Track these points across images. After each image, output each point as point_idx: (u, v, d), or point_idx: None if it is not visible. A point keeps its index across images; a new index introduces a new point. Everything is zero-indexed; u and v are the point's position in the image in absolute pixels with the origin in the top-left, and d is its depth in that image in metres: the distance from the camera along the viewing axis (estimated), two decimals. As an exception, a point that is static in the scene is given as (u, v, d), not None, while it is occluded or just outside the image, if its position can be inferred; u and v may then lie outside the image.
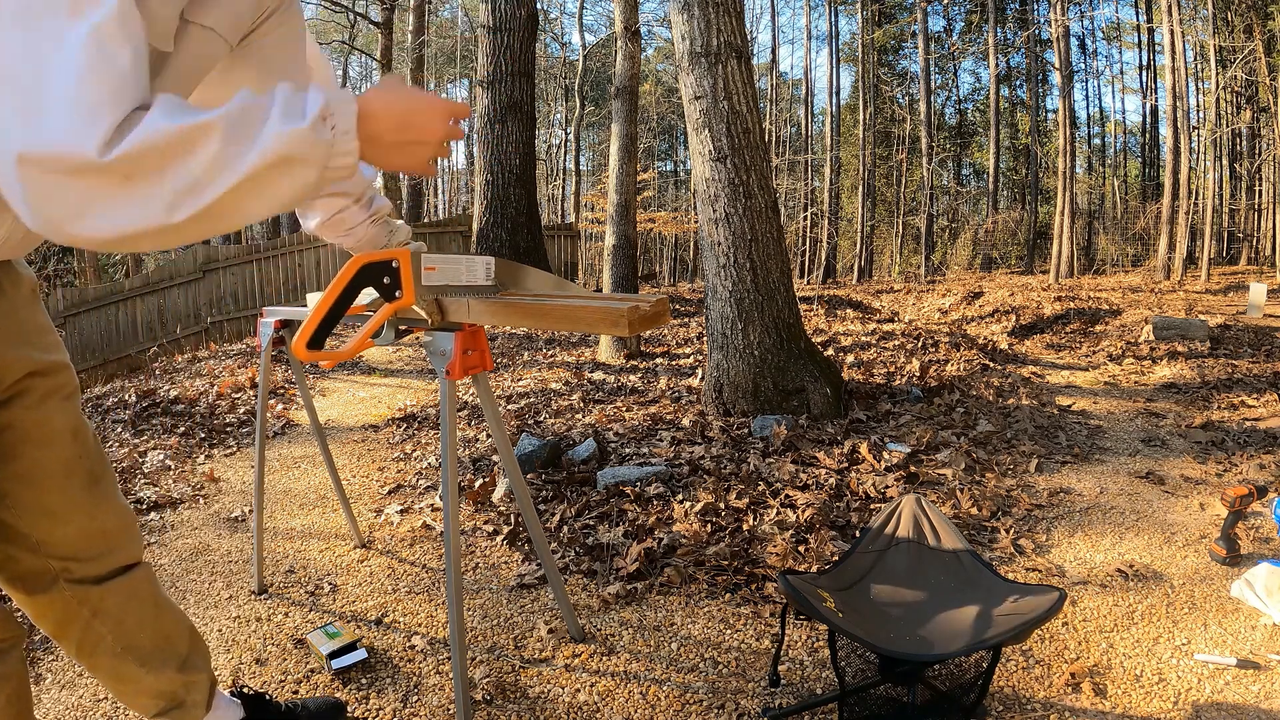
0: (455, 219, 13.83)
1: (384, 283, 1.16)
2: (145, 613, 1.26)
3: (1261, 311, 7.37)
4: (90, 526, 1.17)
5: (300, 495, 2.99)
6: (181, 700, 1.32)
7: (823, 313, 8.02)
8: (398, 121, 0.90)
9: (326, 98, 0.83)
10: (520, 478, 1.74)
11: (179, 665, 1.30)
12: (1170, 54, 12.14)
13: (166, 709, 1.31)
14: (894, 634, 1.59)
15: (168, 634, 1.30)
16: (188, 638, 1.34)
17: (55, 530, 1.14)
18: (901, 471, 2.82)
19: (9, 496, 1.10)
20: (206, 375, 5.20)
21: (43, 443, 1.11)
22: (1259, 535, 2.40)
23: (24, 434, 1.09)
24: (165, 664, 1.29)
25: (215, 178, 0.75)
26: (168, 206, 0.74)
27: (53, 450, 1.12)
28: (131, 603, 1.24)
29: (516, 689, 1.70)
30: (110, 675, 1.26)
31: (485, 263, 1.35)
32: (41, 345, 1.10)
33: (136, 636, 1.25)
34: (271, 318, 1.96)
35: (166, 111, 0.75)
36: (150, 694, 1.29)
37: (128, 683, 1.27)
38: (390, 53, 8.36)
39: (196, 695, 1.34)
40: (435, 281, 1.27)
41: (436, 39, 23.19)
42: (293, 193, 0.82)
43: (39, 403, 1.10)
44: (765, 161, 3.61)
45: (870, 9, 20.18)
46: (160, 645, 1.28)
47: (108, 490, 1.20)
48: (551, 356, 5.78)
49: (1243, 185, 17.52)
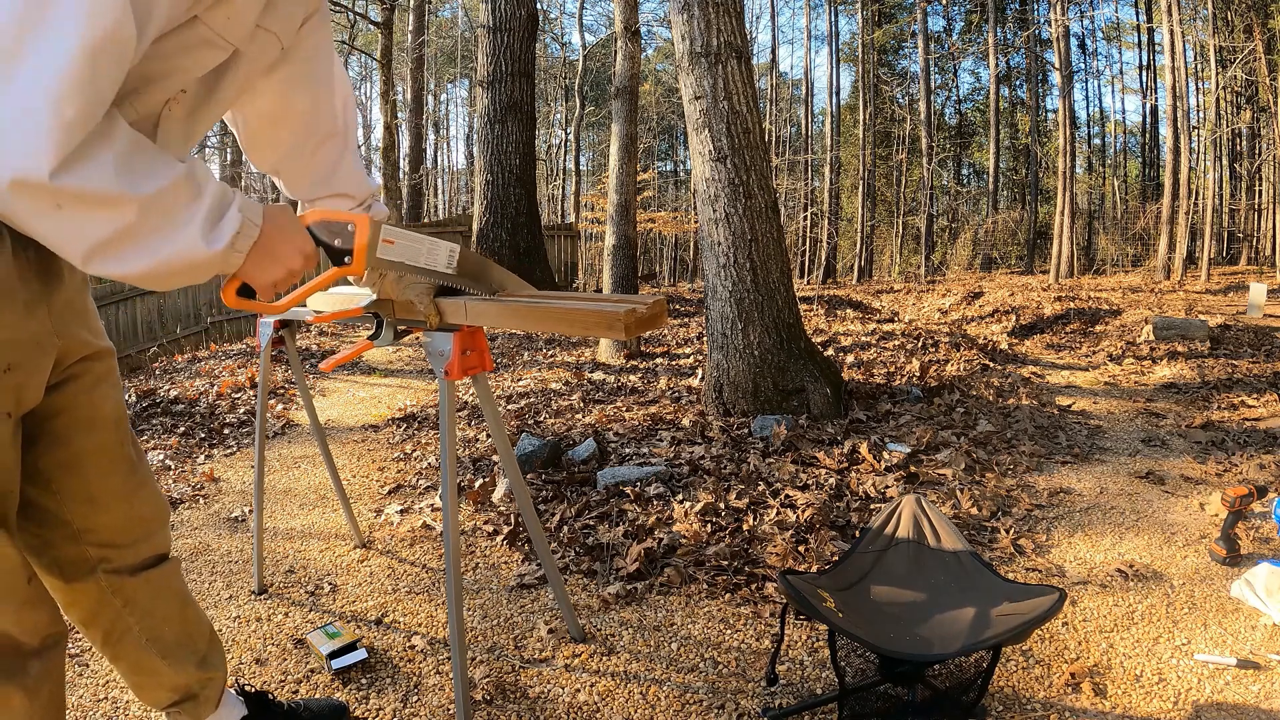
0: (455, 219, 13.83)
1: (334, 245, 1.09)
2: (172, 607, 1.28)
3: (1261, 311, 7.38)
4: (129, 513, 1.19)
5: (300, 495, 2.99)
6: (195, 694, 1.33)
7: (823, 313, 8.02)
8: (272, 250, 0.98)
9: (243, 221, 0.91)
10: (520, 478, 1.74)
11: (198, 661, 1.32)
12: (1170, 54, 12.14)
13: (179, 701, 1.33)
14: (894, 634, 1.59)
15: (190, 630, 1.31)
16: (208, 635, 1.35)
17: (96, 517, 1.15)
18: (901, 471, 2.82)
19: (54, 483, 1.11)
20: (206, 375, 5.20)
21: (91, 428, 1.13)
22: (1259, 535, 2.40)
23: (75, 418, 1.10)
24: (186, 659, 1.30)
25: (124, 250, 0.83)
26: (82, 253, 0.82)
27: (99, 436, 1.14)
28: (161, 596, 1.26)
29: (516, 689, 1.70)
30: (132, 667, 1.28)
31: (448, 248, 1.27)
32: (94, 330, 1.12)
33: (162, 629, 1.26)
34: (271, 317, 1.96)
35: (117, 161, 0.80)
36: (167, 687, 1.30)
37: (148, 675, 1.28)
38: (390, 53, 8.35)
39: (210, 691, 1.36)
40: (390, 256, 1.18)
41: (436, 39, 23.20)
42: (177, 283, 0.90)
43: (91, 387, 1.12)
44: (765, 161, 3.61)
45: (870, 9, 20.18)
46: (182, 640, 1.30)
47: (145, 477, 1.23)
48: (551, 356, 5.78)
49: (1243, 185, 17.53)
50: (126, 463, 1.19)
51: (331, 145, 1.32)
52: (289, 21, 1.08)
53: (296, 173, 1.33)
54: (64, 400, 1.09)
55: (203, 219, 0.87)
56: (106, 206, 0.80)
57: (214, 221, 0.88)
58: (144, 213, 0.82)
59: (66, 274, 1.05)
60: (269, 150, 1.30)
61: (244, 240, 0.92)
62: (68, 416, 1.10)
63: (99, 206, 0.79)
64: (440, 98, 28.39)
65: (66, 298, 1.04)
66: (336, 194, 1.37)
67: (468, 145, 28.24)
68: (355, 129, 1.41)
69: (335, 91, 1.29)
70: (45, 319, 0.98)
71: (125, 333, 9.03)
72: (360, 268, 1.10)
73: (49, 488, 1.11)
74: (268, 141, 1.28)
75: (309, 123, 1.27)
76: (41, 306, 0.97)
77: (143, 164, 0.83)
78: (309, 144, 1.30)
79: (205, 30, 0.94)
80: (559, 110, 25.24)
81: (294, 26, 1.11)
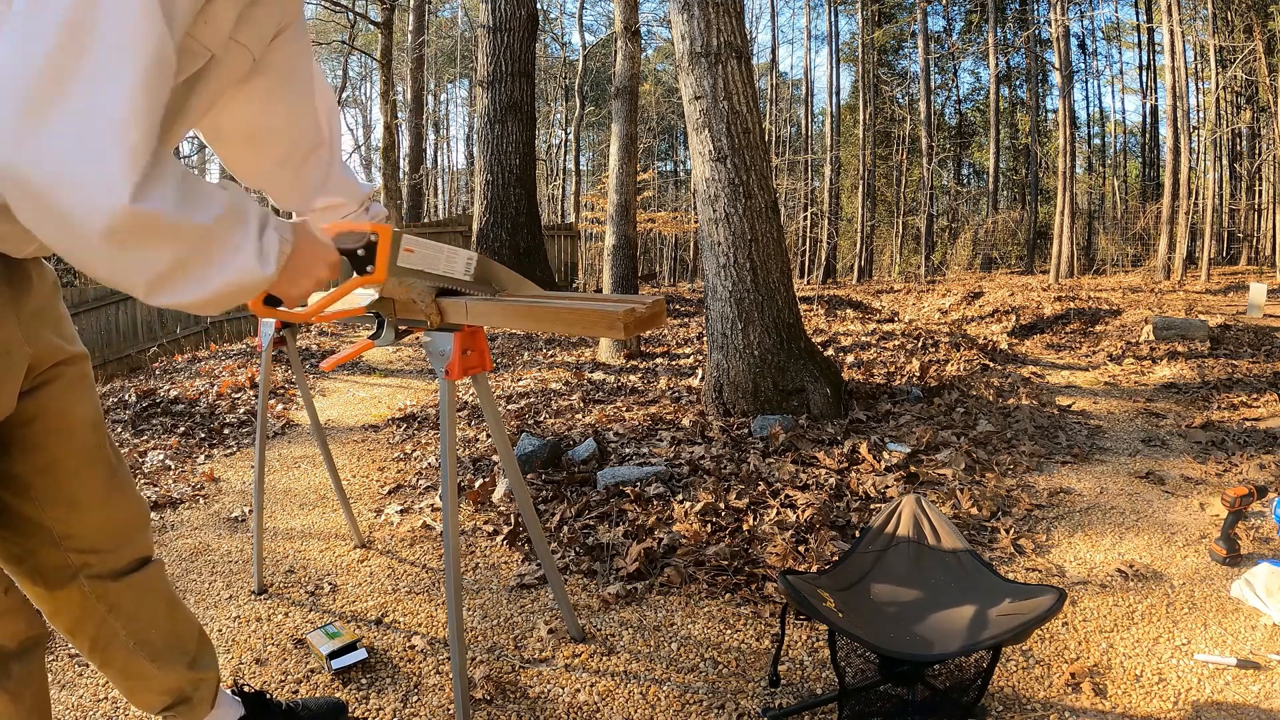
0: (455, 219, 13.83)
1: (357, 255, 1.12)
2: (158, 609, 1.28)
3: (1261, 311, 7.37)
4: (110, 517, 1.19)
5: (300, 495, 2.99)
6: (188, 697, 1.33)
7: (823, 313, 8.02)
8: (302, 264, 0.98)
9: (280, 239, 0.91)
10: (520, 478, 1.74)
11: (189, 663, 1.32)
12: (1170, 54, 12.14)
13: (173, 705, 1.32)
14: (894, 634, 1.59)
15: (178, 631, 1.31)
16: (196, 636, 1.35)
17: (77, 522, 1.15)
18: (901, 471, 2.82)
19: (32, 489, 1.11)
20: (206, 375, 5.20)
21: (66, 432, 1.13)
22: (1259, 535, 2.40)
23: (49, 424, 1.10)
24: (175, 661, 1.30)
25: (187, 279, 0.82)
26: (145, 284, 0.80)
27: (76, 440, 1.14)
28: (146, 599, 1.25)
29: (516, 689, 1.70)
30: (121, 672, 1.27)
31: (467, 257, 1.28)
32: (66, 335, 1.12)
33: (149, 633, 1.26)
34: (272, 317, 1.96)
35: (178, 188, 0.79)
36: (159, 691, 1.30)
37: (138, 679, 1.28)
38: (390, 53, 8.35)
39: (204, 692, 1.35)
40: (412, 265, 1.20)
41: (436, 39, 23.20)
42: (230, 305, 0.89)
43: (64, 391, 1.12)
44: (765, 161, 3.61)
45: (870, 9, 20.17)
46: (171, 642, 1.29)
47: (124, 480, 1.22)
48: (551, 356, 5.78)
49: (1243, 185, 17.52)
50: (105, 465, 1.18)
51: (318, 156, 1.32)
52: (260, 34, 1.07)
53: (285, 185, 1.33)
54: (37, 406, 1.08)
55: (254, 242, 0.87)
56: (170, 237, 0.78)
57: (262, 243, 0.89)
58: (204, 241, 0.81)
59: (36, 281, 1.05)
60: (251, 165, 1.29)
61: (284, 258, 0.92)
62: (42, 423, 1.09)
63: (164, 237, 0.77)
64: (440, 98, 28.39)
65: (36, 305, 1.04)
66: (331, 203, 1.37)
67: (468, 145, 28.24)
68: (340, 137, 1.40)
69: (317, 103, 1.28)
70: (14, 327, 0.99)
71: (125, 333, 9.03)
72: (382, 276, 1.12)
73: (27, 494, 1.11)
74: (249, 157, 1.28)
75: (291, 136, 1.27)
76: (10, 315, 0.98)
77: (196, 191, 0.82)
78: (294, 156, 1.29)
79: (184, 37, 0.92)
80: (559, 110, 25.24)
81: (265, 39, 1.09)
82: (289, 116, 1.24)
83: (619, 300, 1.28)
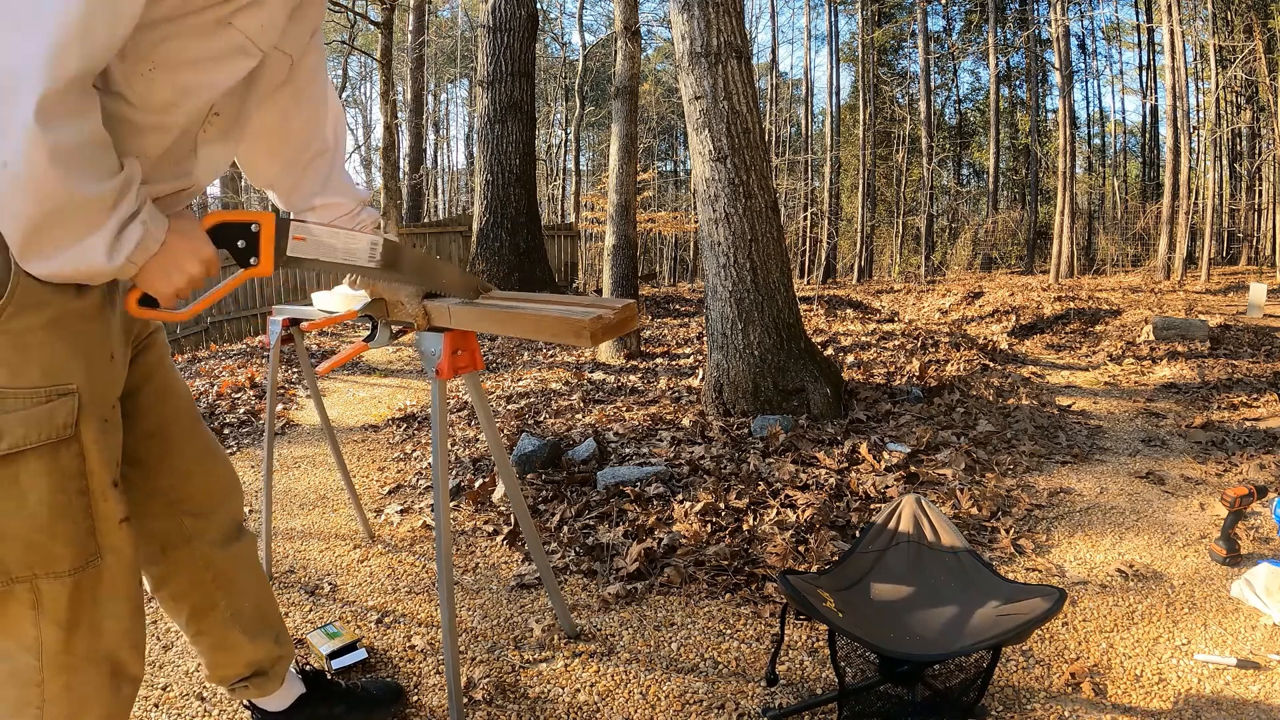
0: (455, 219, 13.83)
1: (238, 246, 1.05)
2: (252, 581, 1.32)
3: (1261, 311, 7.37)
4: (210, 476, 1.24)
5: (300, 495, 2.99)
6: (265, 670, 1.35)
7: (823, 313, 8.02)
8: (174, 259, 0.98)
9: (144, 234, 0.90)
10: (512, 477, 1.75)
11: (275, 636, 1.35)
12: (1170, 54, 12.13)
13: (249, 676, 1.35)
14: (894, 634, 1.59)
15: (264, 606, 1.34)
16: (278, 611, 1.38)
17: (185, 485, 1.20)
18: (901, 471, 2.82)
19: (147, 455, 1.16)
20: (206, 375, 5.20)
21: (172, 394, 1.19)
22: (1259, 535, 2.40)
23: (155, 387, 1.16)
24: (264, 634, 1.33)
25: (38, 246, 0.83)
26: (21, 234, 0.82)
27: (176, 402, 1.20)
28: (243, 570, 1.29)
29: (516, 689, 1.70)
30: (214, 644, 1.29)
31: (369, 241, 1.22)
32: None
33: (243, 604, 1.29)
34: (280, 316, 1.96)
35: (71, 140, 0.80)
36: (243, 663, 1.32)
37: (229, 651, 1.30)
38: (390, 53, 8.34)
39: (280, 668, 1.38)
40: (304, 254, 1.14)
41: (436, 39, 23.19)
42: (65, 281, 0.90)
43: (162, 356, 1.18)
44: (765, 161, 3.61)
45: (870, 9, 20.17)
46: (260, 615, 1.33)
47: (215, 442, 1.28)
48: (551, 357, 5.78)
49: (1243, 185, 17.51)
50: (201, 426, 1.25)
51: (322, 161, 1.34)
52: (299, 39, 1.11)
53: (288, 187, 1.35)
54: (143, 372, 1.14)
55: (110, 235, 0.87)
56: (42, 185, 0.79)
57: (120, 236, 0.89)
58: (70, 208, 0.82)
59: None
60: (266, 167, 1.31)
61: (141, 253, 0.91)
62: (150, 387, 1.16)
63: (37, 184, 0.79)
64: (440, 98, 28.39)
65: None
66: (329, 203, 1.38)
67: (468, 145, 28.24)
68: (345, 145, 1.43)
69: (328, 110, 1.31)
70: (119, 293, 1.03)
71: (125, 333, 9.03)
72: (268, 268, 1.07)
73: (139, 463, 1.15)
74: (265, 159, 1.29)
75: (304, 140, 1.29)
76: (115, 291, 1.03)
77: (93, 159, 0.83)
78: (302, 159, 1.31)
79: (239, 37, 0.95)
80: (559, 110, 25.24)
81: (302, 44, 1.13)
82: (307, 121, 1.27)
83: (591, 305, 1.28)
